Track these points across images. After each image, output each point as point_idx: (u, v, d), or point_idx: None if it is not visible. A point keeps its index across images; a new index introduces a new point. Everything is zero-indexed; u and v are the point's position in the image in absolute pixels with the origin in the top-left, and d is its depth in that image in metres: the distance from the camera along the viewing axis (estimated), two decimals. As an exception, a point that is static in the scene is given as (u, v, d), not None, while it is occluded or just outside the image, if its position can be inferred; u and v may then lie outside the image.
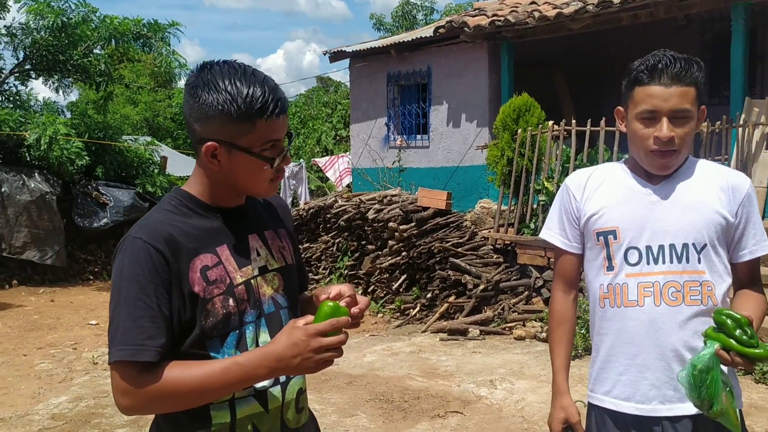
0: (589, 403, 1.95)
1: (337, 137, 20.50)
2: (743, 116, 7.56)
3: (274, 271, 1.61)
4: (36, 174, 10.78)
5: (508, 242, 7.85)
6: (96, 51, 12.47)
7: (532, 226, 7.74)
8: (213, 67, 1.49)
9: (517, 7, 9.65)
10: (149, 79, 25.97)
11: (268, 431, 1.54)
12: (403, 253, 8.28)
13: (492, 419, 4.76)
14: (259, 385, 1.52)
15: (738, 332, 1.65)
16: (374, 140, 12.22)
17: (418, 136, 11.61)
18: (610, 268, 1.87)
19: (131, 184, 11.87)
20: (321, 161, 14.93)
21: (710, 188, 1.86)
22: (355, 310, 1.50)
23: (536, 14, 8.99)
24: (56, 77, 12.61)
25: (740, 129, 7.34)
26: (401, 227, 8.23)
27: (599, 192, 1.92)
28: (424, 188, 8.73)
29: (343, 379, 5.78)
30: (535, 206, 7.86)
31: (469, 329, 7.04)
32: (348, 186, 13.26)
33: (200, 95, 1.45)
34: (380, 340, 7.31)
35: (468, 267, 7.68)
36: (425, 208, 8.29)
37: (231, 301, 1.49)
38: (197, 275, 1.46)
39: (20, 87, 12.88)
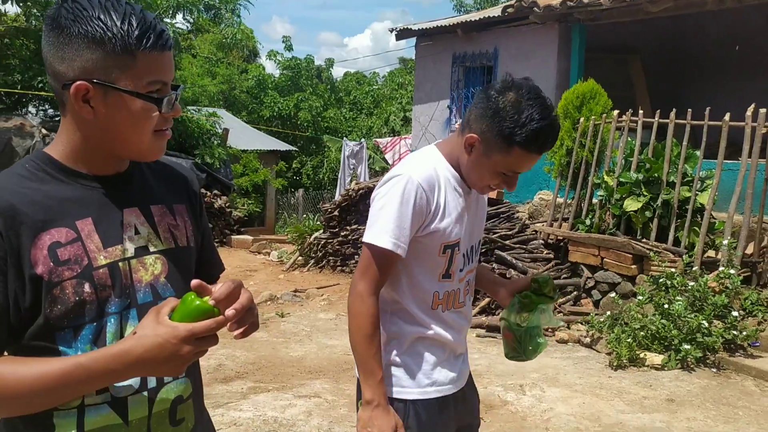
0: (407, 400, 1.91)
1: (405, 119, 20.15)
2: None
3: (157, 253, 1.33)
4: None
5: (561, 238, 7.35)
6: (165, 20, 12.55)
7: (587, 222, 7.22)
8: None
9: (592, -13, 9.02)
10: (219, 51, 26.19)
11: None
12: (449, 242, 7.89)
13: (513, 428, 4.38)
14: (120, 390, 1.24)
15: (550, 291, 1.97)
16: (436, 122, 11.82)
17: (480, 121, 11.13)
18: (447, 276, 1.89)
19: (190, 154, 11.93)
20: (382, 142, 14.62)
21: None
22: (230, 312, 1.18)
23: (611, -5, 8.36)
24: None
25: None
26: (448, 214, 7.84)
27: (446, 200, 1.85)
28: (476, 175, 8.28)
29: (364, 370, 5.49)
30: (594, 201, 7.33)
31: (509, 327, 6.61)
32: (407, 169, 12.91)
33: (65, 27, 1.18)
34: (414, 330, 6.98)
35: (514, 261, 7.23)
36: (475, 196, 7.86)
37: (87, 287, 1.21)
38: (43, 253, 1.19)
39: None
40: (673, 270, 6.02)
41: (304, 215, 18.04)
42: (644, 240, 6.66)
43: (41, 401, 1.16)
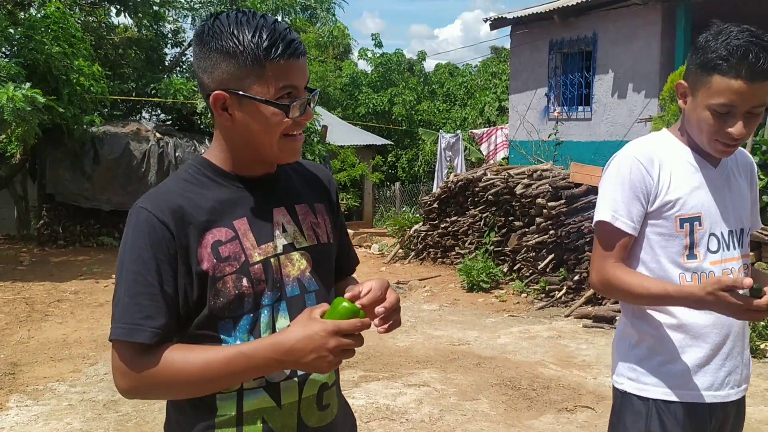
0: (648, 398, 1.78)
1: (501, 109, 19.92)
2: None
3: (303, 249, 1.44)
4: (207, 140, 11.50)
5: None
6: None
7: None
8: (221, 15, 1.34)
9: (698, -37, 8.64)
10: (314, 49, 26.68)
11: (281, 429, 1.38)
12: (551, 232, 7.81)
13: (626, 420, 4.32)
14: (274, 376, 1.37)
15: None
16: (533, 112, 11.67)
17: (580, 108, 10.91)
18: (692, 256, 1.75)
19: (292, 151, 12.29)
20: (477, 132, 14.54)
21: (742, 172, 1.86)
22: (379, 309, 1.30)
23: (719, -30, 7.98)
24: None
25: None
26: (550, 204, 7.76)
27: (674, 171, 1.76)
28: (577, 163, 8.15)
29: (471, 360, 5.56)
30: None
31: (617, 317, 6.49)
32: (504, 159, 12.81)
33: (206, 42, 1.32)
34: (519, 321, 6.97)
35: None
36: (577, 185, 7.73)
37: (245, 281, 1.34)
38: (207, 251, 1.32)
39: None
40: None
41: (402, 208, 18.23)
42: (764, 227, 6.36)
43: (206, 386, 1.30)
